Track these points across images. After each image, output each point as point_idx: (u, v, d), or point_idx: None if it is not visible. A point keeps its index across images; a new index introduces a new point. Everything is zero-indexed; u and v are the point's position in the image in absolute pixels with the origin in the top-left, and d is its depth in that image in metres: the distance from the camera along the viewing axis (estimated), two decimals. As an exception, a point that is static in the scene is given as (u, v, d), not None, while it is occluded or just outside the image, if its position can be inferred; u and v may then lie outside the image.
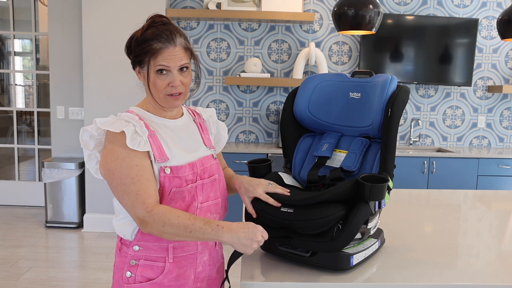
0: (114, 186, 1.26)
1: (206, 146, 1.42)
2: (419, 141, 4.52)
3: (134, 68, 1.34)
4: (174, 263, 1.33)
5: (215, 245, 1.46)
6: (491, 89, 4.43)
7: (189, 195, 1.31)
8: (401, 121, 4.51)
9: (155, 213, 1.20)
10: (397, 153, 3.93)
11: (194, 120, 1.46)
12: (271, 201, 1.32)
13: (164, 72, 1.28)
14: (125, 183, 1.23)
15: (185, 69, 1.30)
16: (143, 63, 1.29)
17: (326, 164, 1.48)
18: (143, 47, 1.28)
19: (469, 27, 4.20)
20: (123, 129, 1.24)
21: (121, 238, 1.37)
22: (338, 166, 1.46)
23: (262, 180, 1.40)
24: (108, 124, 1.26)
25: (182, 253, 1.34)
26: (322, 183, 1.44)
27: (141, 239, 1.31)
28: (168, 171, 1.27)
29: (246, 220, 1.40)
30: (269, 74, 4.18)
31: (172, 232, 1.20)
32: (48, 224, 4.28)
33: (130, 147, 1.23)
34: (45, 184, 4.23)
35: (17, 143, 4.99)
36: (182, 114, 1.44)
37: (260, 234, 1.21)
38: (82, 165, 4.29)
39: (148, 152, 1.27)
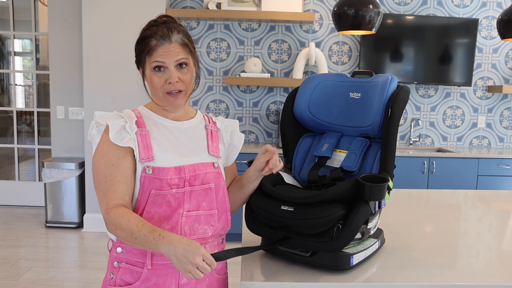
0: (93, 179, 1.27)
1: (209, 153, 1.35)
2: (419, 141, 4.52)
3: (139, 69, 1.34)
4: (152, 270, 1.27)
5: None
6: (491, 89, 4.43)
7: (175, 201, 1.26)
8: (401, 121, 4.51)
9: (111, 216, 1.19)
10: (397, 153, 3.93)
11: (205, 126, 1.40)
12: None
13: (162, 69, 1.26)
14: (99, 180, 1.24)
15: (184, 65, 1.27)
16: (142, 62, 1.29)
17: (326, 164, 1.48)
18: (140, 46, 1.28)
19: (469, 27, 4.20)
20: (109, 122, 1.25)
21: (110, 238, 1.35)
22: (338, 166, 1.46)
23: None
24: (102, 117, 1.28)
25: (162, 261, 1.27)
26: (322, 183, 1.44)
27: (122, 242, 1.29)
28: (149, 171, 1.24)
29: (246, 219, 1.40)
30: (269, 74, 4.18)
31: (122, 237, 1.18)
32: (48, 224, 4.28)
33: (112, 141, 1.23)
34: (45, 184, 4.23)
35: (17, 143, 4.99)
36: (192, 117, 1.39)
37: (200, 257, 1.08)
38: (82, 165, 4.29)
39: (132, 150, 1.25)
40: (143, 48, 1.27)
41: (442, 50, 4.23)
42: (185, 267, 1.08)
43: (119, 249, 1.30)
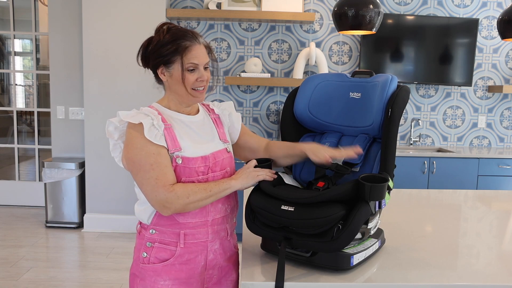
0: (135, 174, 1.36)
1: (221, 140, 1.50)
2: (419, 141, 4.52)
3: (155, 70, 1.43)
4: (185, 248, 1.42)
5: (227, 235, 1.50)
6: (492, 89, 4.43)
7: None
8: (402, 121, 4.51)
9: (177, 191, 1.32)
10: (397, 153, 3.93)
11: (209, 116, 1.54)
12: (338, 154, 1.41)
13: (194, 69, 1.39)
14: (145, 170, 1.33)
15: (207, 67, 1.44)
16: (171, 62, 1.38)
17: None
18: (170, 47, 1.37)
19: (470, 27, 4.20)
20: (142, 121, 1.35)
21: (140, 222, 1.48)
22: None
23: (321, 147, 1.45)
24: (129, 116, 1.37)
25: (193, 240, 1.42)
26: (327, 167, 1.44)
27: (157, 224, 1.42)
28: (179, 161, 1.37)
29: (246, 219, 1.40)
30: (269, 74, 4.18)
31: (197, 199, 1.33)
32: (48, 224, 4.28)
33: (147, 138, 1.33)
34: (45, 184, 4.23)
35: (17, 143, 4.99)
36: (198, 111, 1.52)
37: (255, 171, 1.41)
38: (82, 165, 4.29)
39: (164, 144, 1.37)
40: (176, 48, 1.37)
41: (442, 50, 4.23)
42: (249, 173, 1.41)
43: (152, 231, 1.43)
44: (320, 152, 1.41)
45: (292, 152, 1.50)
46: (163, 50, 1.38)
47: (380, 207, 1.32)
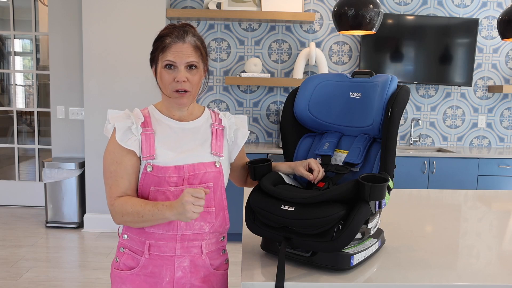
0: (103, 175, 1.38)
1: (211, 152, 1.40)
2: (419, 141, 4.52)
3: (152, 67, 1.41)
4: (149, 259, 1.38)
5: (201, 253, 1.41)
6: (492, 89, 4.43)
7: (174, 198, 1.34)
8: (402, 121, 4.51)
9: (115, 206, 1.31)
10: (397, 153, 3.93)
11: (211, 125, 1.45)
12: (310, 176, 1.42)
13: (172, 67, 1.33)
14: (106, 176, 1.35)
15: (193, 67, 1.34)
16: (155, 59, 1.36)
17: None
18: (156, 44, 1.36)
19: (470, 27, 4.20)
20: (116, 124, 1.33)
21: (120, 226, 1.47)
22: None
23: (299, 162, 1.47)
24: (112, 117, 1.36)
25: (158, 252, 1.37)
26: (327, 170, 1.44)
27: (127, 230, 1.41)
28: (149, 168, 1.33)
29: (246, 219, 1.40)
30: (269, 74, 4.18)
31: (130, 220, 1.29)
32: (48, 224, 4.28)
33: (118, 142, 1.32)
34: (45, 184, 4.23)
35: (17, 143, 4.99)
36: (198, 117, 1.45)
37: (187, 194, 1.18)
38: (82, 165, 4.29)
39: (136, 150, 1.34)
40: (158, 46, 1.34)
41: (442, 50, 4.23)
42: (186, 211, 1.19)
43: (125, 236, 1.41)
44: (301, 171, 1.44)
45: (293, 172, 1.49)
46: (153, 48, 1.38)
47: (380, 207, 1.32)
